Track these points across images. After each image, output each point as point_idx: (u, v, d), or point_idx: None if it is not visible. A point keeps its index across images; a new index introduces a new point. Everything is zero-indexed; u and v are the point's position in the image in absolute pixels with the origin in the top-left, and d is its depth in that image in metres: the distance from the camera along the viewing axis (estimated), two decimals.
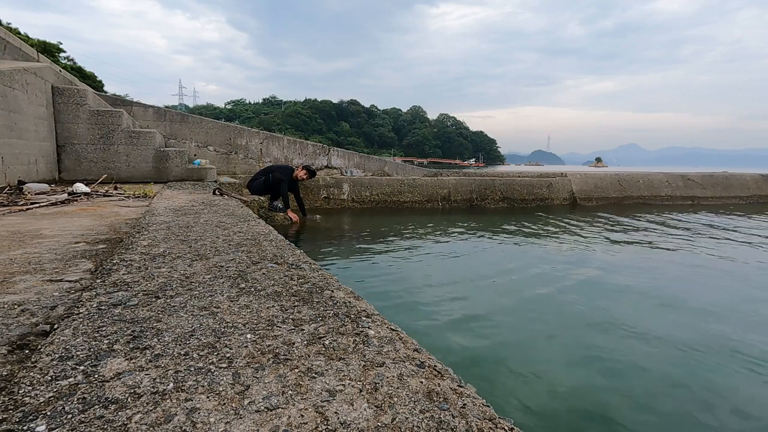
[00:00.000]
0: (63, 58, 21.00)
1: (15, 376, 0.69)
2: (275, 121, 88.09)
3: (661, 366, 1.91)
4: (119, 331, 0.84)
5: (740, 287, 3.20)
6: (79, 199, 3.41)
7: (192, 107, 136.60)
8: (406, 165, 9.96)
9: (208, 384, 0.66)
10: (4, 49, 4.93)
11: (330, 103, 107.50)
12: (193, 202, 3.06)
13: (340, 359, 0.76)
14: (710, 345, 2.13)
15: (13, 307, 1.00)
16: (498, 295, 2.87)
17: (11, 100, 3.94)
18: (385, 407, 0.62)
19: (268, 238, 1.82)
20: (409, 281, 3.09)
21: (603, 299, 2.80)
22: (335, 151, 8.87)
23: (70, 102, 5.08)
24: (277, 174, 5.32)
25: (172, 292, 1.07)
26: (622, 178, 9.10)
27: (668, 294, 2.96)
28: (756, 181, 10.17)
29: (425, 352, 0.83)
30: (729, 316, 2.55)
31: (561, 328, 2.32)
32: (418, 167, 10.17)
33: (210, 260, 1.40)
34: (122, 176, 5.30)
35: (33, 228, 2.07)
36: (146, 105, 7.66)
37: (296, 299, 1.06)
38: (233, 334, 0.85)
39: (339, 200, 7.08)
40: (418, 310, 2.50)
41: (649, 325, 2.38)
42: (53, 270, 1.33)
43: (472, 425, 0.60)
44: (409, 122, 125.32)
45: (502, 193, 7.98)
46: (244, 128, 8.39)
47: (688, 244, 4.68)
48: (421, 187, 7.52)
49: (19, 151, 4.09)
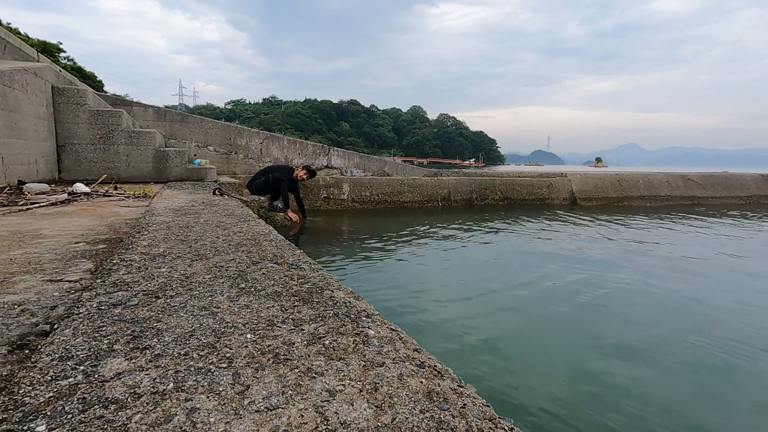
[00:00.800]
0: (63, 58, 21.01)
1: (15, 376, 0.69)
2: (275, 121, 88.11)
3: (662, 366, 1.91)
4: (119, 331, 0.84)
5: (741, 287, 3.20)
6: (79, 199, 3.41)
7: (192, 107, 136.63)
8: (406, 165, 9.97)
9: (208, 384, 0.66)
10: (4, 49, 4.93)
11: (330, 103, 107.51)
12: (193, 202, 3.06)
13: (340, 359, 0.76)
14: (712, 345, 2.13)
15: (13, 307, 1.00)
16: (498, 295, 2.87)
17: (11, 100, 3.94)
18: (385, 407, 0.62)
19: (268, 238, 1.82)
20: (409, 281, 3.09)
21: (603, 299, 2.80)
22: (335, 151, 8.88)
23: (70, 102, 5.08)
24: (277, 174, 5.32)
25: (172, 292, 1.07)
26: (622, 178, 9.10)
27: (669, 294, 2.96)
28: (756, 181, 10.17)
29: (425, 352, 0.83)
30: (730, 316, 2.55)
31: (562, 328, 2.32)
32: (418, 167, 10.17)
33: (210, 260, 1.40)
34: (122, 176, 5.30)
35: (33, 228, 2.07)
36: (146, 105, 7.66)
37: (296, 299, 1.06)
38: (233, 334, 0.85)
39: (339, 200, 7.07)
40: (418, 310, 2.50)
41: (650, 325, 2.38)
42: (53, 270, 1.33)
43: (472, 425, 0.60)
44: (409, 122, 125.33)
45: (502, 193, 7.98)
46: (244, 128, 8.39)
47: (689, 244, 4.68)
48: (421, 187, 7.52)
49: (19, 151, 4.09)
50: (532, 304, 2.72)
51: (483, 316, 2.46)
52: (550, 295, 2.87)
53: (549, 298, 2.81)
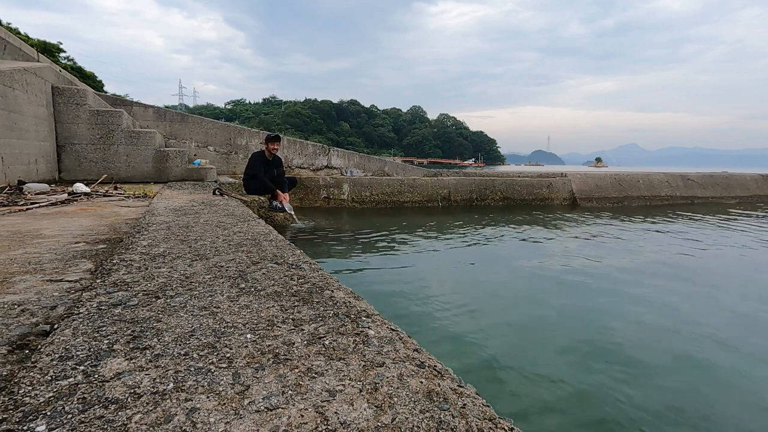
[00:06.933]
0: (63, 58, 21.00)
1: (15, 376, 0.69)
2: (275, 121, 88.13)
3: (663, 367, 1.91)
4: (119, 331, 0.84)
5: (742, 286, 3.20)
6: (79, 199, 3.41)
7: (192, 107, 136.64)
8: (406, 165, 9.97)
9: (208, 384, 0.66)
10: (4, 49, 4.93)
11: (330, 103, 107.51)
12: (193, 202, 3.06)
13: (340, 359, 0.76)
14: (713, 345, 2.13)
15: (13, 307, 1.00)
16: (498, 295, 2.87)
17: (11, 100, 3.94)
18: (385, 407, 0.62)
19: (268, 238, 1.82)
20: (410, 281, 3.09)
21: (604, 299, 2.80)
22: (335, 151, 8.88)
23: (70, 102, 5.08)
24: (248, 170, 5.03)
25: (172, 292, 1.07)
26: (622, 178, 9.10)
27: (670, 294, 2.96)
28: (756, 181, 10.17)
29: (425, 352, 0.83)
30: (732, 316, 2.55)
31: (562, 328, 2.32)
32: (418, 167, 10.17)
33: (210, 260, 1.40)
34: (122, 176, 5.30)
35: (33, 228, 2.07)
36: (146, 105, 7.67)
37: (296, 299, 1.06)
38: (233, 334, 0.85)
39: (339, 200, 7.07)
40: (418, 310, 2.50)
41: (650, 325, 2.38)
42: (53, 270, 1.33)
43: (472, 425, 0.60)
44: (409, 122, 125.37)
45: (502, 193, 7.98)
46: (244, 128, 8.39)
47: (689, 244, 4.68)
48: (421, 187, 7.52)
49: (19, 151, 4.09)
50: (532, 303, 2.72)
51: (483, 316, 2.46)
52: (551, 295, 2.87)
53: (549, 298, 2.81)
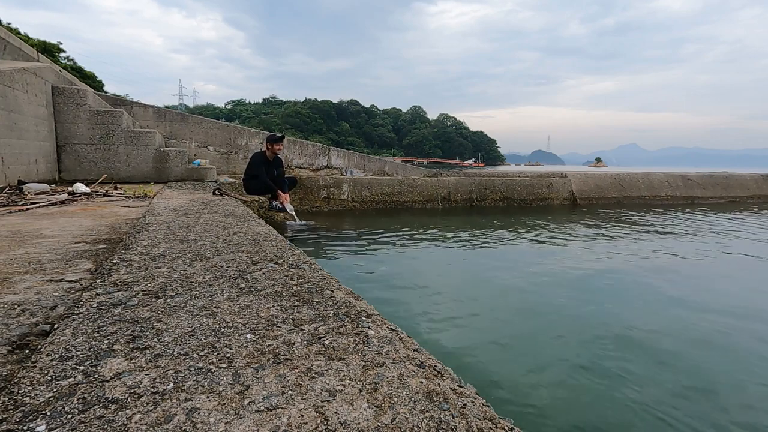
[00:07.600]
0: (63, 58, 21.00)
1: (15, 376, 0.69)
2: (275, 121, 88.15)
3: (663, 366, 1.91)
4: (119, 331, 0.84)
5: (743, 286, 3.20)
6: (79, 199, 3.41)
7: (192, 107, 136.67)
8: (406, 165, 9.97)
9: (208, 384, 0.66)
10: (4, 49, 4.93)
11: (330, 103, 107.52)
12: (193, 202, 3.06)
13: (340, 359, 0.76)
14: (714, 344, 2.13)
15: (13, 307, 1.00)
16: (498, 295, 2.87)
17: (11, 100, 3.94)
18: (385, 407, 0.62)
19: (268, 238, 1.82)
20: (410, 281, 3.09)
21: (604, 299, 2.79)
22: (335, 151, 8.88)
23: (70, 102, 5.08)
24: (249, 170, 5.02)
25: (172, 292, 1.07)
26: (622, 178, 9.10)
27: (670, 294, 2.95)
28: (756, 181, 10.17)
29: (425, 352, 0.83)
30: (733, 316, 2.54)
31: (562, 329, 2.32)
32: (418, 167, 10.17)
33: (210, 260, 1.40)
34: (122, 176, 5.30)
35: (33, 228, 2.07)
36: (146, 105, 7.67)
37: (296, 299, 1.06)
38: (233, 334, 0.85)
39: (339, 200, 7.07)
40: (418, 310, 2.50)
41: (650, 325, 2.38)
42: (53, 270, 1.33)
43: (472, 425, 0.60)
44: (409, 122, 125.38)
45: (502, 193, 7.98)
46: (244, 128, 8.39)
47: (689, 244, 4.68)
48: (421, 187, 7.52)
49: (19, 151, 4.09)
50: (532, 303, 2.72)
51: (483, 316, 2.46)
52: (551, 295, 2.86)
53: (549, 298, 2.81)
